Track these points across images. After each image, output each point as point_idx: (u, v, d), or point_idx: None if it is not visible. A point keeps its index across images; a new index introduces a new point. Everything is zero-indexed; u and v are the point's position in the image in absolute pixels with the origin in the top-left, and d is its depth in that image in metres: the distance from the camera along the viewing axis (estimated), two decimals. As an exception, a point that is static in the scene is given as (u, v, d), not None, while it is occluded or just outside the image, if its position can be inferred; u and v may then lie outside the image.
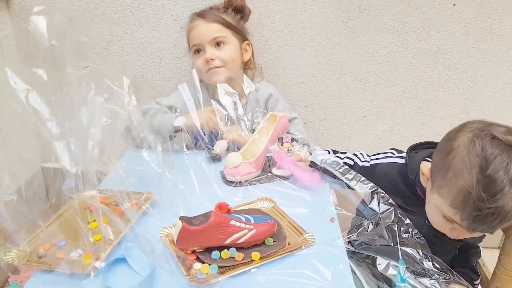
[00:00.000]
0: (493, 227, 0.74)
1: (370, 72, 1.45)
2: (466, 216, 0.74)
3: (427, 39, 1.38)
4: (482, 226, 0.73)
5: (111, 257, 0.71)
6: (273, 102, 1.28)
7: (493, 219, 0.71)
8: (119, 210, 0.75)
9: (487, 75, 1.43)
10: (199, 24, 1.19)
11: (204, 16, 1.19)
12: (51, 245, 0.72)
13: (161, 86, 1.51)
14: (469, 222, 0.74)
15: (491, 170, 0.70)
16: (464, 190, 0.73)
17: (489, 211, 0.71)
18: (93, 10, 1.39)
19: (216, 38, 1.19)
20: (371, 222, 0.80)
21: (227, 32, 1.20)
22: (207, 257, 0.72)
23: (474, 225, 0.74)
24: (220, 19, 1.19)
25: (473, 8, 1.33)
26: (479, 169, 0.71)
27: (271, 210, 0.89)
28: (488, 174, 0.71)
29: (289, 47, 1.42)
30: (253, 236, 0.74)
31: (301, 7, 1.35)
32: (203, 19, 1.19)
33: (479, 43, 1.38)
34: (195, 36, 1.20)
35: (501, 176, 0.70)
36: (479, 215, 0.72)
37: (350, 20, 1.37)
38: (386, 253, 0.77)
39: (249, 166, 1.02)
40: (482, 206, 0.71)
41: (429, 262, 0.76)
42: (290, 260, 0.74)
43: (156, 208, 0.85)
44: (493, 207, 0.70)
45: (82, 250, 0.70)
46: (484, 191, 0.71)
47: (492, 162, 0.71)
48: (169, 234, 0.77)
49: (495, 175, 0.70)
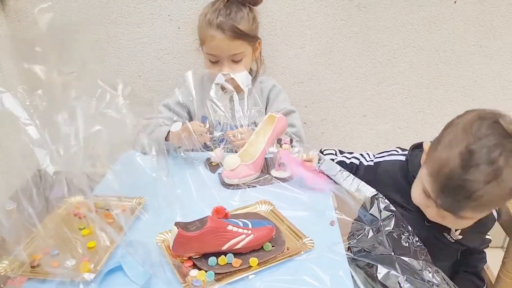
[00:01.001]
0: (458, 203, 0.71)
1: (370, 71, 1.43)
2: (437, 186, 0.73)
3: (427, 37, 1.36)
4: (447, 199, 0.72)
5: (109, 264, 0.70)
6: (275, 92, 1.28)
7: (459, 193, 0.70)
8: (110, 216, 0.74)
9: (489, 73, 1.41)
10: (218, 39, 1.13)
11: (223, 29, 1.12)
12: (43, 254, 0.70)
13: (159, 87, 1.49)
14: (437, 193, 0.73)
15: (476, 146, 0.70)
16: (444, 160, 0.73)
17: (457, 183, 0.70)
18: (89, 10, 1.38)
19: (235, 55, 1.16)
20: (371, 228, 0.78)
21: (245, 45, 1.17)
22: (204, 263, 0.70)
23: (441, 196, 0.73)
24: (239, 34, 1.14)
25: (474, 5, 1.31)
26: (466, 144, 0.71)
27: (270, 214, 0.87)
28: (472, 149, 0.70)
29: (288, 46, 1.40)
30: (251, 241, 0.73)
31: (300, 5, 1.34)
32: (223, 34, 1.12)
33: (480, 41, 1.36)
34: (212, 48, 1.16)
35: (483, 153, 0.69)
36: (448, 185, 0.71)
37: (349, 19, 1.35)
38: (386, 261, 0.75)
39: (248, 168, 1.01)
40: (453, 176, 0.70)
41: (429, 273, 0.74)
42: (289, 265, 0.73)
43: (152, 213, 0.84)
44: (462, 178, 0.69)
45: (76, 258, 0.68)
46: (461, 163, 0.70)
47: (481, 140, 0.70)
48: (165, 240, 0.76)
49: (477, 151, 0.69)
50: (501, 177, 0.68)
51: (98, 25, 1.39)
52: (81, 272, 0.67)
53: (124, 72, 1.47)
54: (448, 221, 0.79)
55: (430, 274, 0.75)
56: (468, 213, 0.73)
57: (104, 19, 1.39)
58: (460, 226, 0.81)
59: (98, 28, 1.40)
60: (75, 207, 0.81)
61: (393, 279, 0.73)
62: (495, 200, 0.71)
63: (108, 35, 1.41)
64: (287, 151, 1.00)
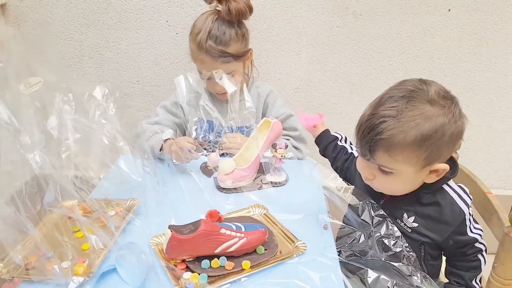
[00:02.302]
0: (369, 143, 0.74)
1: (366, 78, 1.45)
2: (356, 133, 0.78)
3: (422, 44, 1.38)
4: (362, 142, 0.76)
5: (103, 266, 0.71)
6: (273, 98, 1.29)
7: (368, 131, 0.74)
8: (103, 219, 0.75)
9: (483, 80, 1.43)
10: (206, 62, 1.14)
11: (213, 56, 1.12)
12: (38, 256, 0.71)
13: (156, 91, 1.51)
14: (357, 141, 0.78)
15: (385, 93, 0.76)
16: (363, 112, 0.79)
17: (365, 121, 0.75)
18: (88, 15, 1.39)
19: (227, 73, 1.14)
20: (363, 234, 0.79)
21: (234, 64, 1.17)
22: (197, 266, 0.71)
23: (359, 142, 0.77)
24: (228, 57, 1.14)
25: (468, 13, 1.33)
26: (380, 95, 0.77)
27: (263, 217, 0.88)
28: (381, 95, 0.76)
29: (284, 52, 1.42)
30: (244, 244, 0.73)
31: (296, 12, 1.35)
32: (212, 59, 1.13)
33: (474, 48, 1.38)
34: (202, 68, 1.16)
35: (389, 97, 0.74)
36: (361, 127, 0.76)
37: (345, 26, 1.37)
38: (376, 266, 0.76)
39: (243, 172, 1.02)
40: (364, 118, 0.76)
41: (418, 279, 0.75)
42: (281, 268, 0.73)
43: (146, 216, 0.85)
44: (371, 113, 0.75)
45: (72, 260, 0.69)
46: (371, 106, 0.77)
47: (391, 90, 0.76)
48: (159, 243, 0.77)
49: (385, 96, 0.75)
50: (401, 115, 0.71)
51: (97, 30, 1.41)
52: (76, 274, 0.67)
53: (122, 77, 1.49)
54: (378, 181, 0.80)
55: (419, 280, 0.75)
56: (381, 154, 0.74)
57: (102, 24, 1.40)
58: (390, 187, 0.81)
59: (97, 33, 1.41)
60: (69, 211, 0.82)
61: (383, 284, 0.74)
62: (400, 142, 0.71)
63: (107, 41, 1.43)
64: None
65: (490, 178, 1.59)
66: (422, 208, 0.82)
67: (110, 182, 0.76)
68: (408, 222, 0.83)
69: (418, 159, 0.74)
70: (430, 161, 0.75)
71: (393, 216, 0.84)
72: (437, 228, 0.82)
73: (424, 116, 0.71)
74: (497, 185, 1.61)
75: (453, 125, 0.73)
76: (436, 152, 0.74)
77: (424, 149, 0.72)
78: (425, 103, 0.72)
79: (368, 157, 0.77)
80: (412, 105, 0.72)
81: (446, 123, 0.72)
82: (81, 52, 1.45)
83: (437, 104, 0.72)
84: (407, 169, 0.75)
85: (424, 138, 0.71)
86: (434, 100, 0.72)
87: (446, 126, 0.72)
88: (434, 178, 0.79)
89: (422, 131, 0.71)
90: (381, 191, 0.84)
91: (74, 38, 1.43)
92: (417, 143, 0.72)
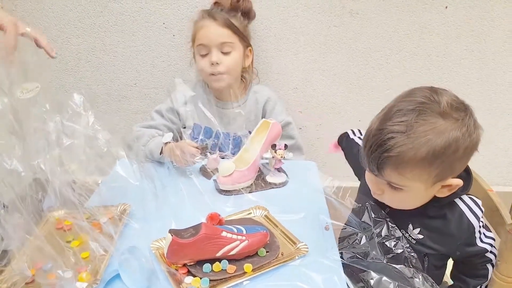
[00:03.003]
0: (378, 159, 0.69)
1: (364, 77, 1.44)
2: (363, 147, 0.73)
3: (420, 42, 1.38)
4: (370, 157, 0.71)
5: (107, 272, 0.70)
6: (272, 104, 1.29)
7: (376, 147, 0.69)
8: (98, 226, 0.74)
9: (481, 77, 1.43)
10: (209, 25, 1.18)
11: (215, 18, 1.18)
12: (36, 270, 0.69)
13: (154, 94, 1.50)
14: (364, 155, 0.72)
15: (394, 106, 0.70)
16: (371, 123, 0.73)
17: (374, 135, 0.70)
18: (84, 19, 1.39)
19: (225, 44, 1.18)
20: (364, 235, 0.79)
21: (235, 38, 1.20)
22: (198, 270, 0.70)
23: (366, 157, 0.72)
24: (230, 24, 1.18)
25: (465, 10, 1.33)
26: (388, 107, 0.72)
27: (264, 219, 0.88)
28: (390, 107, 0.71)
29: (282, 52, 1.41)
30: (245, 247, 0.73)
31: (293, 12, 1.35)
32: (214, 21, 1.17)
33: (472, 45, 1.38)
34: (203, 36, 1.19)
35: (398, 110, 0.68)
36: (369, 141, 0.71)
37: (342, 25, 1.36)
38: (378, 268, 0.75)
39: (242, 174, 1.01)
40: (372, 131, 0.70)
41: (420, 281, 0.74)
42: (283, 271, 0.73)
43: (146, 221, 0.84)
44: (378, 128, 0.69)
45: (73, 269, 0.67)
46: (379, 119, 0.71)
47: (400, 102, 0.70)
48: (160, 247, 0.76)
49: (394, 109, 0.69)
50: (411, 131, 0.66)
51: (93, 33, 1.40)
52: (84, 282, 0.66)
53: (119, 80, 1.48)
54: (387, 195, 0.76)
55: (421, 282, 0.74)
56: (390, 172, 0.70)
57: (99, 27, 1.40)
58: (399, 201, 0.77)
59: (93, 36, 1.41)
60: (58, 221, 0.81)
61: (385, 285, 0.73)
62: (411, 159, 0.67)
63: (104, 44, 1.42)
64: None
65: (490, 175, 1.59)
66: (428, 220, 0.79)
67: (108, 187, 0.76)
68: (413, 233, 0.79)
69: (429, 176, 0.69)
70: (442, 177, 0.70)
71: (397, 226, 0.80)
72: (444, 241, 0.78)
73: (436, 131, 0.66)
74: (497, 182, 1.61)
75: (468, 139, 0.67)
76: (449, 168, 0.69)
77: (436, 166, 0.68)
78: (437, 116, 0.67)
79: (376, 173, 0.72)
80: (422, 119, 0.66)
81: (460, 137, 0.66)
82: (78, 56, 1.44)
83: (450, 117, 0.67)
84: (418, 185, 0.71)
85: (436, 154, 0.66)
86: (447, 113, 0.67)
87: (460, 140, 0.67)
88: (446, 193, 0.75)
89: (434, 147, 0.66)
90: (389, 205, 0.80)
91: (71, 42, 1.42)
92: (429, 160, 0.67)
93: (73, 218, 0.76)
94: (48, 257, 0.67)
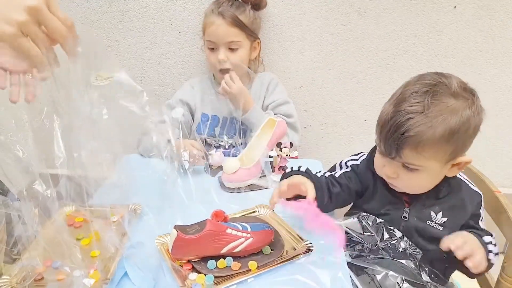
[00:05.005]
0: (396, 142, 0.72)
1: (371, 76, 1.43)
2: (379, 132, 0.75)
3: (427, 42, 1.37)
4: (387, 141, 0.73)
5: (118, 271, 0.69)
6: (274, 84, 1.32)
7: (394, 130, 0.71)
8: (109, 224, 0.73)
9: (489, 78, 1.41)
10: (218, 23, 1.19)
11: (224, 16, 1.18)
12: (45, 267, 0.68)
13: (160, 91, 1.50)
14: (380, 139, 0.75)
15: (408, 88, 0.74)
16: (384, 108, 0.76)
17: (390, 118, 0.72)
18: (90, 15, 1.39)
19: (231, 43, 1.21)
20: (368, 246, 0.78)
21: (242, 36, 1.22)
22: (203, 266, 0.70)
23: (383, 141, 0.74)
24: (238, 22, 1.19)
25: (474, 10, 1.31)
26: (401, 90, 0.75)
27: (269, 217, 0.87)
28: (404, 91, 0.74)
29: (288, 51, 1.41)
30: (250, 244, 0.72)
31: (300, 10, 1.34)
32: (222, 19, 1.18)
33: (480, 46, 1.36)
34: (211, 33, 1.21)
35: (413, 91, 0.72)
36: (385, 126, 0.73)
37: (349, 23, 1.35)
38: (383, 265, 0.75)
39: (247, 172, 1.01)
40: (388, 115, 0.73)
41: (426, 275, 0.74)
42: (288, 268, 0.73)
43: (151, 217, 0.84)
44: (396, 111, 0.72)
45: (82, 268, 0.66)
46: (394, 102, 0.74)
47: (413, 85, 0.74)
48: (165, 243, 0.76)
49: (408, 91, 0.73)
50: (428, 111, 0.70)
51: (99, 29, 1.40)
52: (96, 281, 0.65)
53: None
54: (402, 180, 0.78)
55: (427, 275, 0.74)
56: (409, 152, 0.72)
57: (105, 24, 1.40)
58: (415, 184, 0.79)
59: (100, 33, 1.41)
60: (68, 218, 0.81)
61: (392, 280, 0.73)
62: (429, 138, 0.70)
63: (110, 40, 1.42)
64: None
65: (498, 176, 1.58)
66: (444, 201, 0.82)
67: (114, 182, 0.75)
68: (437, 219, 0.82)
69: (444, 154, 0.73)
70: (455, 155, 0.74)
71: (421, 220, 0.82)
72: (463, 215, 0.82)
73: (450, 110, 0.70)
74: (504, 183, 1.60)
75: (477, 117, 0.73)
76: (462, 145, 0.73)
77: (451, 143, 0.72)
78: (449, 96, 0.71)
79: (393, 156, 0.75)
80: (437, 99, 0.71)
81: (471, 115, 0.71)
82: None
83: (461, 97, 0.72)
84: (433, 164, 0.74)
85: (452, 132, 0.70)
86: (458, 93, 0.72)
87: (471, 119, 0.71)
88: (456, 172, 0.78)
89: (450, 125, 0.70)
90: (403, 191, 0.82)
91: (77, 38, 1.42)
92: (446, 138, 0.71)
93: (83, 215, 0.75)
94: (58, 254, 0.66)
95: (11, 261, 0.68)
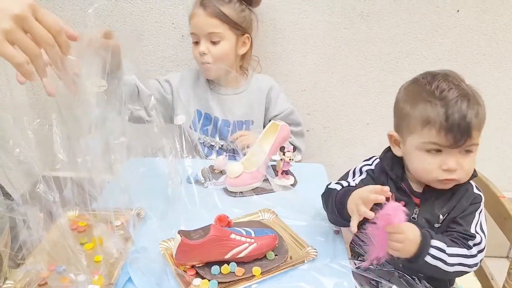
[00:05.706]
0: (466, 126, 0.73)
1: (373, 79, 1.43)
2: (440, 128, 0.74)
3: (430, 45, 1.37)
4: (457, 132, 0.73)
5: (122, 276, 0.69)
6: (276, 93, 1.29)
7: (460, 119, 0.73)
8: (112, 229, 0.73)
9: (492, 81, 1.41)
10: (199, 15, 1.17)
11: (206, 6, 1.17)
12: (49, 271, 0.68)
13: (162, 94, 1.50)
14: (446, 133, 0.74)
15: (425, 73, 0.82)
16: (419, 100, 0.77)
17: (453, 104, 0.73)
18: (95, 19, 1.39)
19: (212, 34, 1.18)
20: None
21: (224, 27, 1.18)
22: (207, 272, 0.70)
23: (449, 133, 0.73)
24: (219, 14, 1.16)
25: (477, 14, 1.31)
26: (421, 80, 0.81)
27: (273, 222, 0.87)
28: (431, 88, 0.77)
29: (290, 54, 1.41)
30: (254, 250, 0.72)
31: (302, 14, 1.34)
32: (203, 10, 1.17)
33: (484, 49, 1.36)
34: (193, 25, 1.20)
35: (449, 80, 0.77)
36: (449, 119, 0.73)
37: (352, 27, 1.35)
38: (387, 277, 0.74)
39: (251, 176, 1.01)
40: (442, 111, 0.74)
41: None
42: (292, 274, 0.72)
43: (154, 221, 0.83)
44: (447, 104, 0.74)
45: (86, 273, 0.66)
46: (427, 81, 0.79)
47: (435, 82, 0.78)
48: (168, 248, 0.76)
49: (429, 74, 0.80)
50: (471, 91, 0.76)
51: (102, 33, 1.40)
52: (100, 287, 0.65)
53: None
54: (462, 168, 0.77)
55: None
56: (476, 133, 0.75)
57: (109, 27, 1.40)
58: (472, 167, 0.80)
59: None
60: (72, 222, 0.80)
61: None
62: (484, 114, 0.77)
63: (113, 43, 1.42)
64: None
65: (501, 180, 1.57)
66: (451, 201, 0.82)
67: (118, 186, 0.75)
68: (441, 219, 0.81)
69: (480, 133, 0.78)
70: None
71: (429, 223, 0.81)
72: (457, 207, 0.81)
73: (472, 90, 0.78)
74: (507, 188, 1.59)
75: None
76: None
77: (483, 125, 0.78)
78: (462, 81, 0.79)
79: (461, 143, 0.75)
80: (462, 82, 0.78)
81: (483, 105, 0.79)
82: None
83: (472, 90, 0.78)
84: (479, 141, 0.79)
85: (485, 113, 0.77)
86: (469, 87, 0.79)
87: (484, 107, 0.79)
88: None
89: (482, 102, 0.77)
90: (461, 181, 0.80)
91: (80, 41, 1.42)
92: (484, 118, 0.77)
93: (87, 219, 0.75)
94: (62, 259, 0.66)
95: (16, 266, 0.68)
